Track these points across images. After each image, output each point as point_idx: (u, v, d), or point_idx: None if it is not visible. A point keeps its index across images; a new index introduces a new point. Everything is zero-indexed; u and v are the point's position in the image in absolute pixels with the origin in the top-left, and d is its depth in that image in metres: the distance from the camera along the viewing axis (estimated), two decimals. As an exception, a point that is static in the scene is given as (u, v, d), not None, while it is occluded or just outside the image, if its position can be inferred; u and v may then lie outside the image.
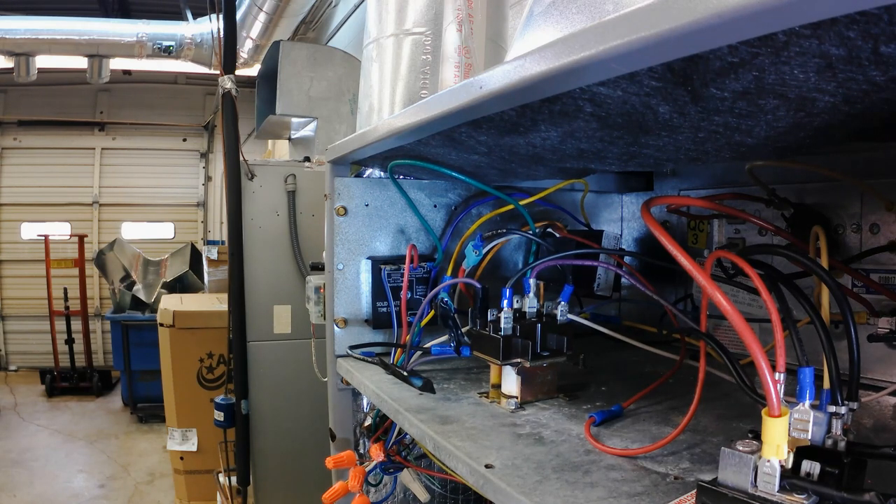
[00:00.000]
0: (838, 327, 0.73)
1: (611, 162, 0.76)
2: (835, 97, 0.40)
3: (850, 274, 0.74)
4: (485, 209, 1.03)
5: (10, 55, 4.31)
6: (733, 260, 0.50)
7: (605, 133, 0.56)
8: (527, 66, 0.41)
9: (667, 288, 1.07)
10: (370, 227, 0.98)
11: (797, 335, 0.52)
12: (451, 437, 0.61)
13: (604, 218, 1.18)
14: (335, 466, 0.86)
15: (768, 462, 0.38)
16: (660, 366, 0.84)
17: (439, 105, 0.53)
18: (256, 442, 2.33)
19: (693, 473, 0.52)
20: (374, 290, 0.96)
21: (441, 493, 0.99)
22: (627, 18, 0.32)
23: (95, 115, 6.34)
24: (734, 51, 0.33)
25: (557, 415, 0.69)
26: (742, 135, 0.53)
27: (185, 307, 3.05)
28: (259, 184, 2.25)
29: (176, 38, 4.40)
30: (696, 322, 0.66)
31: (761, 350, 0.39)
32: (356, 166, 0.98)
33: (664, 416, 0.68)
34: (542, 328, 0.72)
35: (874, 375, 0.75)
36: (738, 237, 0.92)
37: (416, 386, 0.73)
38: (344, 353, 0.96)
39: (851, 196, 0.78)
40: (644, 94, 0.42)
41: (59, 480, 3.70)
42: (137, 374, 4.69)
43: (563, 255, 0.79)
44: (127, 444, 4.38)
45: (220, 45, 2.32)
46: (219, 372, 3.00)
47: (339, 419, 1.00)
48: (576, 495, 0.49)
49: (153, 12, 4.84)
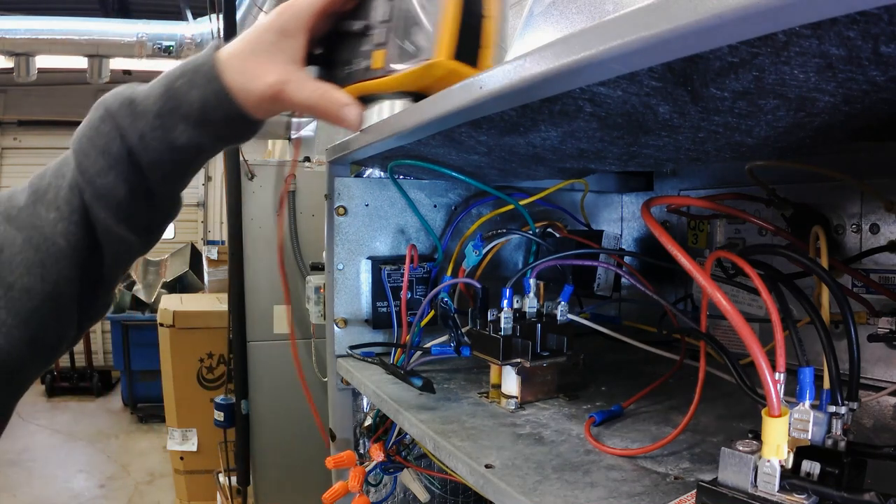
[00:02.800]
0: (838, 327, 0.73)
1: (611, 162, 0.76)
2: (835, 97, 0.40)
3: (850, 274, 0.74)
4: (485, 209, 1.03)
5: (10, 55, 4.31)
6: (733, 260, 0.50)
7: (606, 133, 0.56)
8: (527, 66, 0.41)
9: (667, 288, 1.07)
10: (370, 227, 0.98)
11: (797, 335, 0.52)
12: (451, 437, 0.61)
13: (604, 218, 1.18)
14: (335, 466, 0.86)
15: (768, 462, 0.38)
16: (660, 366, 0.84)
17: (439, 105, 0.53)
18: (256, 442, 2.33)
19: (693, 473, 0.53)
20: (374, 290, 0.96)
21: (441, 494, 0.99)
22: (627, 18, 0.32)
23: (95, 115, 6.34)
24: (734, 51, 0.33)
25: (557, 415, 0.69)
26: (742, 135, 0.53)
27: (185, 307, 3.05)
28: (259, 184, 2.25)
29: (176, 38, 4.40)
30: (696, 322, 0.66)
31: (761, 350, 0.39)
32: (356, 166, 0.99)
33: (664, 416, 0.68)
34: (542, 328, 0.72)
35: (874, 375, 0.75)
36: (738, 237, 0.92)
37: (416, 386, 0.73)
38: (344, 353, 0.96)
39: (851, 196, 0.78)
40: (644, 94, 0.42)
41: (58, 480, 3.70)
42: (137, 374, 4.69)
43: (563, 255, 0.79)
44: (127, 444, 4.38)
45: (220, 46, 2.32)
46: (219, 372, 3.00)
47: (339, 419, 1.00)
48: (576, 495, 0.49)
49: (153, 12, 4.84)
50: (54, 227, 0.54)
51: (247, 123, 0.60)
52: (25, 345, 0.53)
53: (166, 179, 0.58)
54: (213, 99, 0.56)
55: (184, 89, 0.56)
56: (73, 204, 0.54)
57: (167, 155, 0.57)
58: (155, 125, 0.56)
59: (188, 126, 0.56)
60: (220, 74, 0.57)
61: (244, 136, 0.62)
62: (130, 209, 0.57)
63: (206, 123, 0.57)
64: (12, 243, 0.53)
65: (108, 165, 0.55)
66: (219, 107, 0.57)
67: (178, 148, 0.57)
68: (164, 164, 0.57)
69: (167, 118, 0.56)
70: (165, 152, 0.56)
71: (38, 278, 0.53)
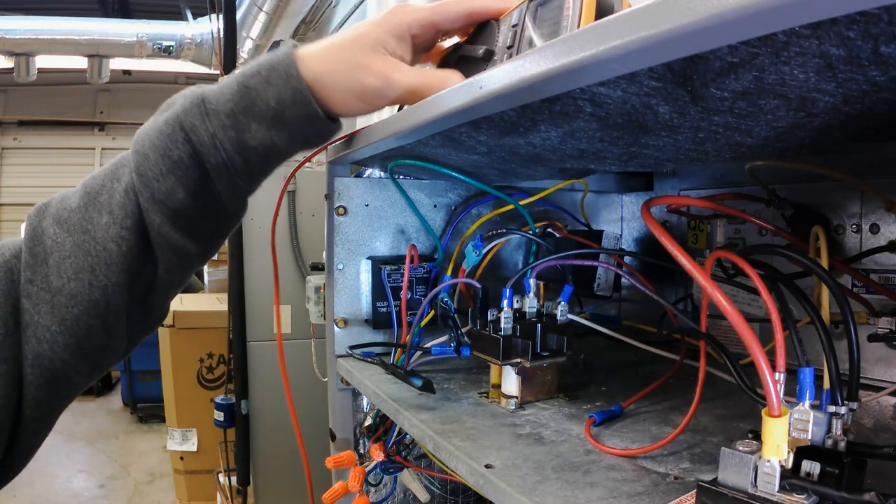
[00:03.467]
0: (838, 327, 0.73)
1: (611, 162, 0.76)
2: (835, 97, 0.40)
3: (850, 274, 0.74)
4: (485, 209, 1.03)
5: (10, 55, 4.31)
6: (733, 260, 0.50)
7: (605, 133, 0.56)
8: (527, 66, 0.41)
9: (667, 288, 1.07)
10: (370, 227, 0.98)
11: (797, 335, 0.52)
12: (451, 437, 0.61)
13: (604, 218, 1.18)
14: (335, 466, 0.86)
15: (768, 462, 0.38)
16: (660, 366, 0.84)
17: (439, 105, 0.53)
18: (256, 442, 2.33)
19: (693, 473, 0.53)
20: (374, 290, 0.96)
21: (441, 494, 0.99)
22: (627, 18, 0.32)
23: (95, 115, 6.33)
24: (734, 51, 0.33)
25: (557, 415, 0.69)
26: (742, 135, 0.53)
27: (185, 307, 3.05)
28: (259, 184, 2.25)
29: (176, 38, 4.40)
30: (696, 322, 0.66)
31: (761, 350, 0.39)
32: (356, 166, 0.99)
33: (664, 416, 0.68)
34: (542, 328, 0.72)
35: (874, 375, 0.75)
36: (738, 237, 0.92)
37: (416, 386, 0.73)
38: (344, 353, 0.96)
39: (851, 196, 0.78)
40: (644, 94, 0.42)
41: (58, 480, 3.70)
42: (137, 374, 4.68)
43: (563, 255, 0.79)
44: (127, 444, 4.38)
45: (220, 45, 2.32)
46: (219, 372, 3.00)
47: (339, 419, 1.00)
48: (576, 495, 0.49)
49: (153, 12, 4.85)
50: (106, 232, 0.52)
51: (325, 124, 0.58)
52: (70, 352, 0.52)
53: (234, 183, 0.56)
54: (289, 97, 0.54)
55: (259, 87, 0.54)
56: (127, 208, 0.52)
57: (239, 155, 0.54)
58: (227, 125, 0.53)
59: (262, 126, 0.54)
60: (299, 72, 0.55)
61: (321, 137, 0.60)
62: (190, 215, 0.54)
63: (281, 123, 0.55)
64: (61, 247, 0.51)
65: (167, 169, 0.53)
66: (295, 105, 0.55)
67: (251, 148, 0.54)
68: (235, 166, 0.55)
69: (240, 117, 0.54)
70: (237, 153, 0.54)
71: (85, 284, 0.51)
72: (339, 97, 0.57)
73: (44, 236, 0.52)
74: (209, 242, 0.59)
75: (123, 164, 0.55)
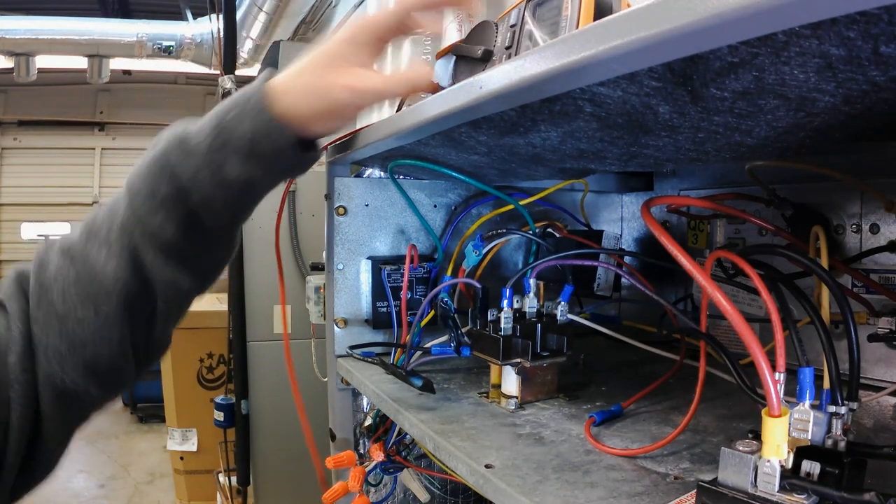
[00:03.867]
0: (838, 327, 0.73)
1: (611, 162, 0.76)
2: (835, 97, 0.40)
3: (850, 274, 0.74)
4: (485, 209, 1.03)
5: (10, 55, 4.31)
6: (733, 260, 0.50)
7: (605, 133, 0.56)
8: (527, 66, 0.41)
9: (667, 288, 1.07)
10: (370, 227, 0.98)
11: (797, 335, 0.52)
12: (451, 437, 0.61)
13: (604, 218, 1.18)
14: (335, 466, 0.86)
15: (768, 462, 0.38)
16: (660, 366, 0.84)
17: (439, 105, 0.54)
18: (256, 442, 2.33)
19: (693, 473, 0.53)
20: (374, 290, 0.96)
21: (441, 494, 0.99)
22: (627, 18, 0.32)
23: (95, 115, 6.33)
24: (734, 51, 0.33)
25: (557, 415, 0.69)
26: (742, 135, 0.53)
27: (185, 307, 3.04)
28: (259, 184, 2.24)
29: (176, 38, 4.40)
30: (696, 322, 0.66)
31: (761, 350, 0.39)
32: (356, 166, 0.99)
33: (664, 416, 0.68)
34: (542, 328, 0.72)
35: (874, 375, 0.75)
36: (738, 237, 0.92)
37: (416, 386, 0.73)
38: (344, 353, 0.96)
39: (851, 196, 0.78)
40: (644, 94, 0.42)
41: (59, 480, 3.70)
42: (137, 374, 4.68)
43: (563, 255, 0.79)
44: (127, 444, 4.38)
45: (220, 45, 2.32)
46: (219, 372, 2.99)
47: (339, 419, 1.00)
48: (576, 495, 0.49)
49: (153, 12, 4.84)
50: (104, 266, 0.54)
51: (298, 154, 0.58)
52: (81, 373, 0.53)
53: (219, 217, 0.57)
54: (262, 129, 0.55)
55: (234, 123, 0.55)
56: (122, 242, 0.54)
57: (219, 191, 0.55)
58: (206, 161, 0.55)
59: (239, 160, 0.55)
60: (269, 104, 0.56)
61: (297, 168, 0.61)
62: (181, 249, 0.56)
63: (256, 156, 0.56)
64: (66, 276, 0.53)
65: (156, 205, 0.54)
66: (268, 137, 0.55)
67: (230, 183, 0.55)
68: (217, 201, 0.56)
69: (218, 153, 0.55)
70: (217, 188, 0.55)
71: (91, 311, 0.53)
72: (315, 120, 0.58)
73: (49, 265, 0.55)
74: (204, 275, 0.60)
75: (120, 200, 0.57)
